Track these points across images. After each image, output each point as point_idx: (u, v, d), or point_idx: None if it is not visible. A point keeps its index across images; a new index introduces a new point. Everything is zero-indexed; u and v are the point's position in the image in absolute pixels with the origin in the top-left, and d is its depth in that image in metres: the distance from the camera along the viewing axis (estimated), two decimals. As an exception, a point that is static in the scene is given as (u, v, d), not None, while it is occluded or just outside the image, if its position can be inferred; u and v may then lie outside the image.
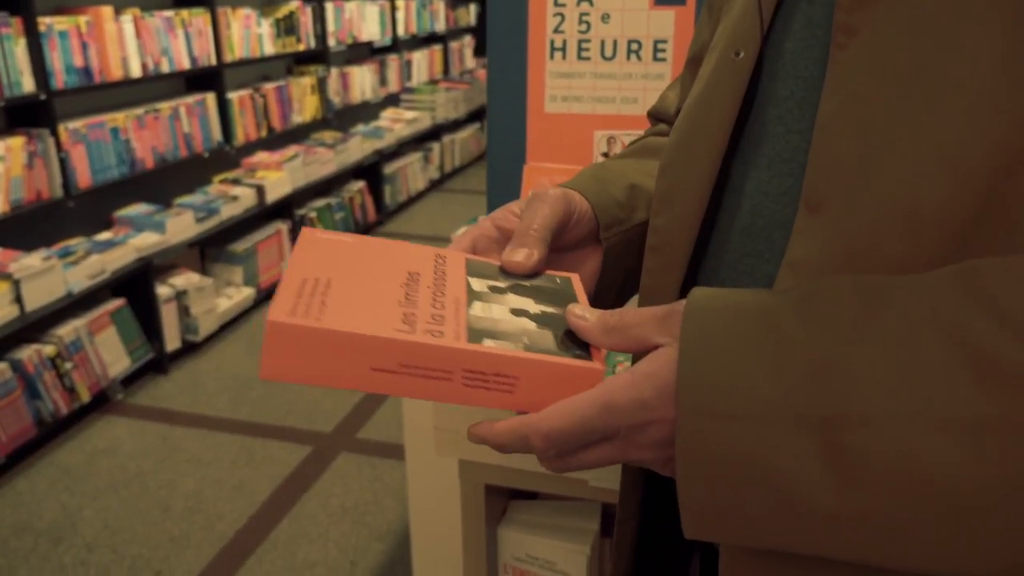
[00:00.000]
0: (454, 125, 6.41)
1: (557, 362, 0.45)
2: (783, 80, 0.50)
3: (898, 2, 0.42)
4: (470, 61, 7.15)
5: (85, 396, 2.78)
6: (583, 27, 1.23)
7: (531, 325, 0.48)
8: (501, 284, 0.53)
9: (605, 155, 1.17)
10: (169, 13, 3.38)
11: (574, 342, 0.48)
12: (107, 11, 3.04)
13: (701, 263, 0.56)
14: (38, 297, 2.62)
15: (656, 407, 0.42)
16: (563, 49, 1.24)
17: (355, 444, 2.70)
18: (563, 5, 1.23)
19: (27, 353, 2.59)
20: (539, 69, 1.25)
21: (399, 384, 0.45)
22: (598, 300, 0.60)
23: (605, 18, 1.22)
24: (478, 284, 0.52)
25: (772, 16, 0.52)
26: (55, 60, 2.83)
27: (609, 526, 1.29)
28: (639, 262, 0.62)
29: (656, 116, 0.77)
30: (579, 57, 1.24)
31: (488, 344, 0.45)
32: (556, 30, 1.24)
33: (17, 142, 2.71)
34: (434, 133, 6.03)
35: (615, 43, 1.22)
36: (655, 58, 1.21)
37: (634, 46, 1.22)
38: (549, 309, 0.50)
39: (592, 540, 1.16)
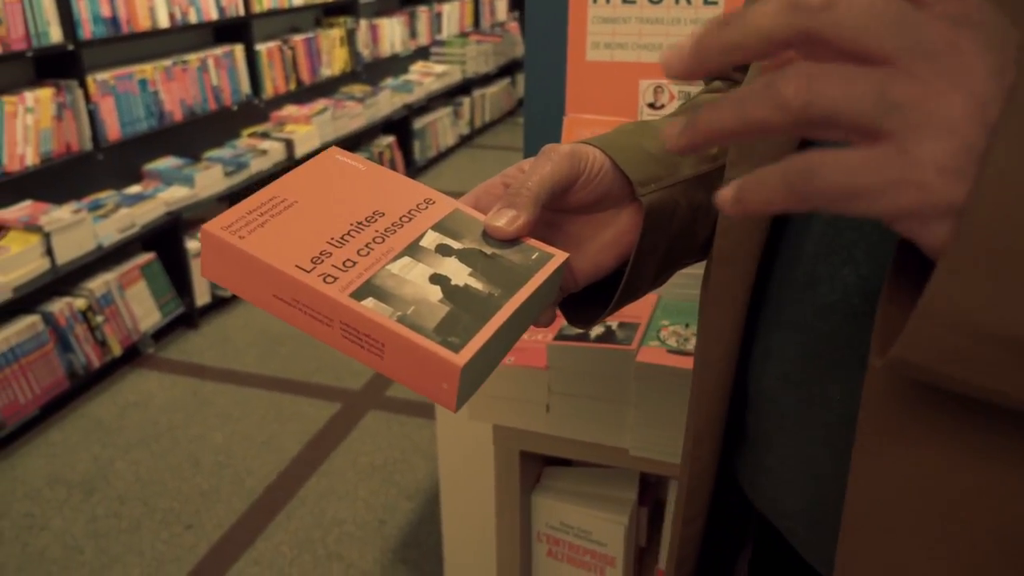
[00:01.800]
0: (484, 79, 6.29)
1: (415, 341, 0.41)
2: None
3: None
4: (502, 13, 6.99)
5: (116, 349, 2.78)
6: (629, -32, 1.15)
7: (434, 296, 0.44)
8: (454, 245, 0.48)
9: (651, 105, 1.10)
10: (196, -39, 3.31)
11: (460, 330, 0.42)
12: (134, -41, 2.98)
13: (787, 223, 0.50)
14: (69, 250, 2.61)
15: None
16: (607, -8, 1.17)
17: (384, 402, 2.68)
18: (608, -55, 1.15)
19: (58, 306, 2.59)
20: (581, 14, 1.18)
21: (294, 317, 0.44)
22: (636, 267, 0.54)
23: (652, -41, 1.14)
24: (429, 240, 0.48)
25: None
26: (82, 9, 2.78)
27: (647, 492, 1.25)
28: (686, 229, 0.56)
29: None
30: (624, 1, 1.16)
31: (367, 304, 0.42)
32: (600, -28, 1.16)
33: (46, 93, 2.68)
34: (464, 87, 5.93)
35: (663, -14, 1.14)
36: (706, 2, 1.13)
37: (683, -11, 1.14)
38: (476, 285, 0.45)
39: (630, 510, 1.12)
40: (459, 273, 0.46)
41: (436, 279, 0.45)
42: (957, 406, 0.37)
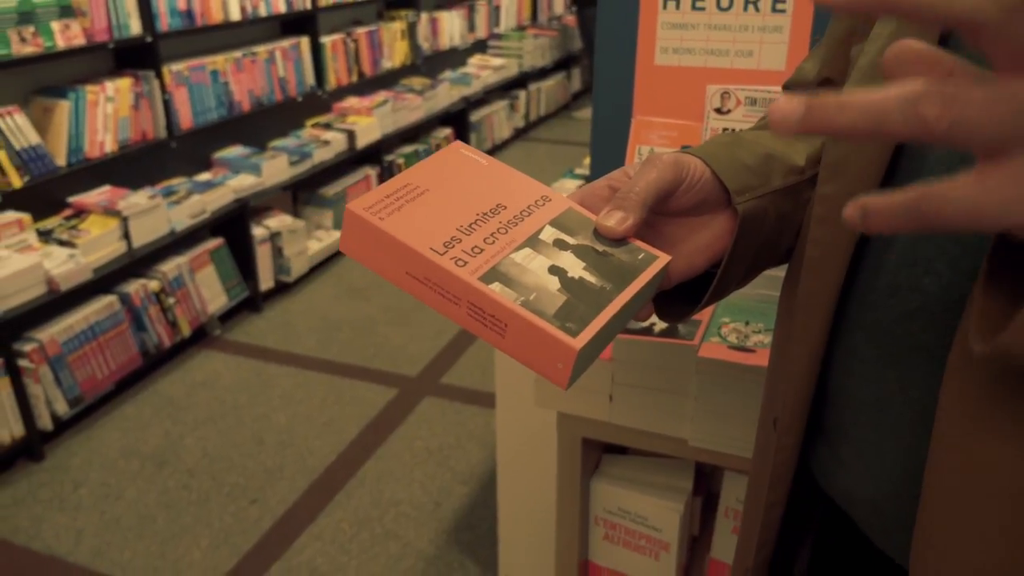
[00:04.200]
0: (541, 73, 6.33)
1: (537, 324, 0.46)
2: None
3: None
4: (559, 7, 7.01)
5: (186, 330, 2.91)
6: (699, -24, 1.19)
7: (553, 286, 0.49)
8: (569, 240, 0.53)
9: (718, 110, 1.14)
10: (267, -44, 3.41)
11: (577, 317, 0.47)
12: (209, -46, 3.09)
13: (869, 244, 0.54)
14: (144, 234, 2.73)
15: None
16: (676, 0, 1.20)
17: (439, 389, 2.76)
18: (679, -47, 1.19)
19: (134, 287, 2.72)
20: (651, 19, 1.22)
21: (424, 294, 0.49)
22: (729, 269, 0.59)
23: (723, -33, 1.17)
24: (548, 234, 0.53)
25: None
26: (160, 3, 2.90)
27: (701, 482, 1.29)
28: (772, 237, 0.60)
29: (793, 87, 0.74)
30: (693, 7, 1.20)
31: (494, 288, 0.47)
32: (670, -21, 1.20)
33: (125, 83, 2.81)
34: (520, 81, 5.97)
35: (732, -7, 1.18)
36: (774, 9, 1.17)
37: (752, -3, 1.17)
38: (589, 278, 0.50)
39: (686, 498, 1.16)
40: (574, 266, 0.51)
41: (554, 270, 0.50)
42: None
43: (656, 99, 1.23)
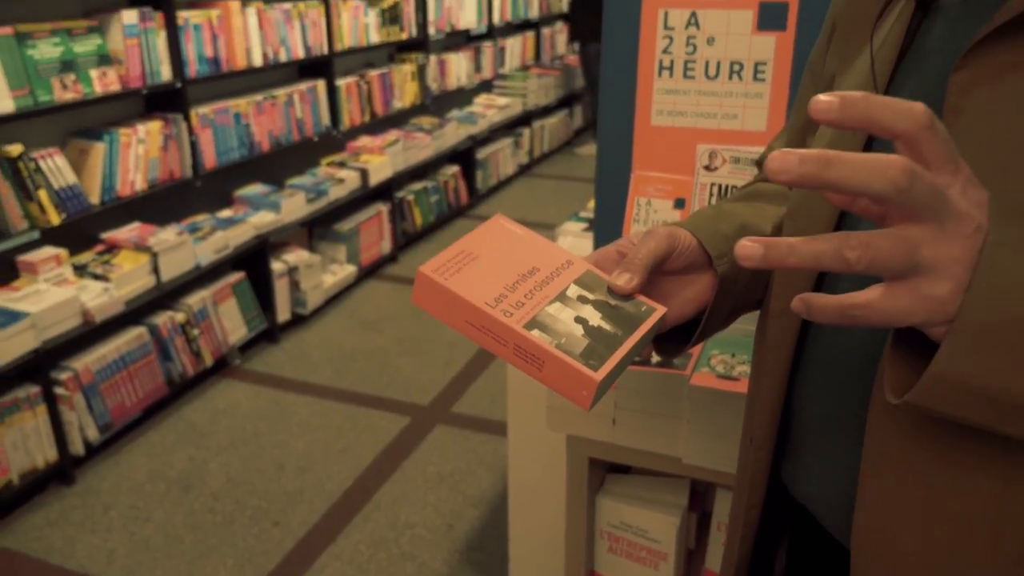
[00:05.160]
0: (544, 111, 6.53)
1: (568, 362, 0.61)
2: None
3: (998, 88, 0.54)
4: (561, 47, 7.24)
5: (208, 360, 3.05)
6: (690, 49, 1.35)
7: (578, 332, 0.64)
8: (590, 296, 0.68)
9: (707, 167, 1.29)
10: (287, 5, 3.61)
11: (597, 356, 0.62)
12: (235, 5, 3.28)
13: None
14: (172, 268, 2.89)
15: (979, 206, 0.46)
16: (670, 68, 1.37)
17: (450, 417, 2.89)
18: (672, 28, 1.35)
19: (162, 319, 2.87)
20: (647, 86, 1.38)
21: (481, 339, 0.64)
22: (711, 317, 0.74)
23: (710, 41, 1.34)
24: (573, 291, 0.68)
25: (887, 88, 0.64)
26: (189, 51, 3.08)
27: (696, 501, 1.42)
28: (746, 291, 0.75)
29: (762, 165, 0.89)
30: (685, 76, 1.36)
31: (534, 333, 0.62)
32: (665, 51, 1.36)
33: (155, 126, 2.98)
34: (524, 119, 6.17)
35: (719, 64, 1.34)
36: (755, 78, 1.33)
37: (736, 67, 1.33)
38: (605, 326, 0.66)
39: (682, 512, 1.30)
40: (594, 316, 0.66)
41: (579, 320, 0.65)
42: (937, 437, 0.56)
43: (653, 156, 1.38)
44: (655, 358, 1.21)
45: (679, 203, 1.34)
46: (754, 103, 1.33)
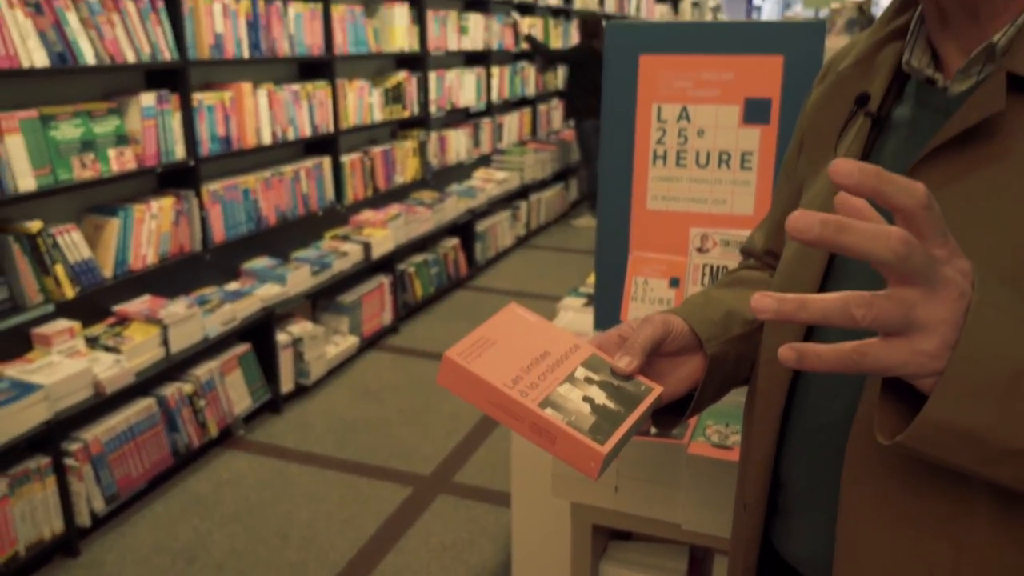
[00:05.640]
0: (541, 184, 6.71)
1: (578, 437, 0.69)
2: None
3: (942, 195, 0.62)
4: (557, 123, 7.47)
5: (214, 431, 3.10)
6: (681, 140, 1.46)
7: (586, 410, 0.72)
8: (595, 377, 0.77)
9: (699, 249, 1.39)
10: (296, 86, 3.77)
11: (604, 432, 0.70)
12: (247, 87, 3.44)
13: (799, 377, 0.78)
14: (181, 340, 2.96)
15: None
16: (664, 157, 1.48)
17: (451, 487, 2.93)
18: (665, 121, 1.47)
19: (170, 390, 2.93)
20: (643, 173, 1.49)
21: (500, 416, 0.72)
22: (702, 394, 0.82)
23: (701, 133, 1.45)
24: (581, 372, 0.77)
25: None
26: (202, 130, 3.22)
27: (695, 566, 1.48)
28: (733, 369, 0.84)
29: (746, 252, 1.00)
30: (677, 164, 1.47)
31: (548, 412, 0.71)
32: (659, 142, 1.47)
33: (168, 202, 3.09)
34: (522, 192, 6.34)
35: (708, 154, 1.45)
36: (742, 167, 1.44)
37: (724, 156, 1.44)
38: (609, 404, 0.74)
39: (681, 577, 1.35)
40: (599, 396, 0.74)
41: (586, 399, 0.73)
42: (901, 502, 0.63)
43: (649, 238, 1.48)
44: (654, 430, 1.28)
45: (674, 282, 1.43)
46: (742, 190, 1.44)
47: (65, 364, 2.59)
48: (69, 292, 2.68)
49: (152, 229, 3.03)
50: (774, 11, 23.95)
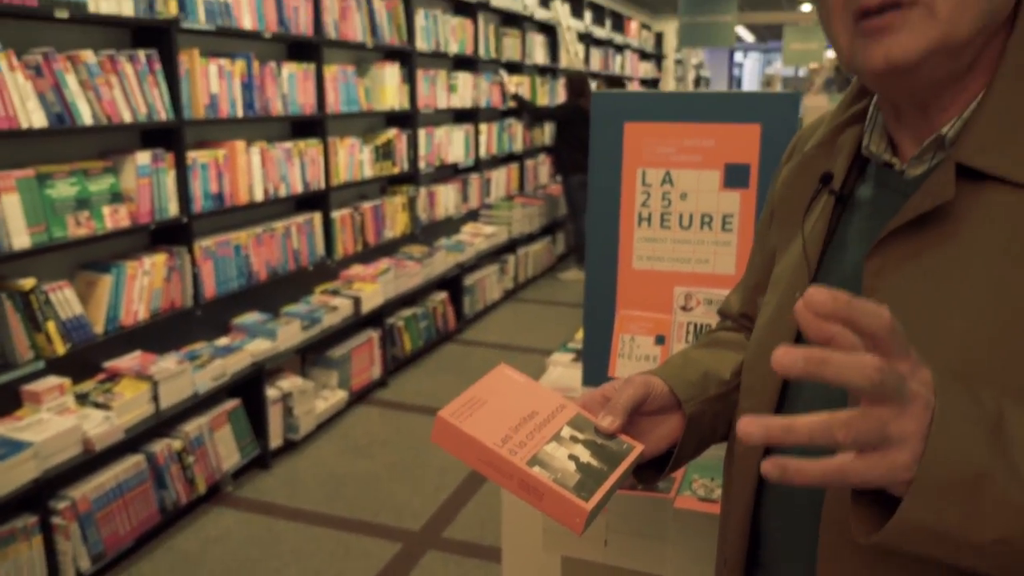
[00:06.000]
0: (528, 238, 6.80)
1: (563, 494, 0.73)
2: None
3: (903, 273, 0.68)
4: (544, 178, 7.60)
5: (202, 487, 3.09)
6: (665, 203, 1.52)
7: (571, 468, 0.76)
8: (580, 436, 0.81)
9: (683, 308, 1.44)
10: (289, 144, 3.85)
11: (588, 489, 0.74)
12: (240, 145, 3.51)
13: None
14: (171, 396, 2.97)
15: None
16: (649, 219, 1.53)
17: (441, 543, 2.92)
18: (649, 185, 1.53)
19: (159, 447, 2.93)
20: (629, 235, 1.54)
21: (490, 473, 0.76)
22: (681, 451, 0.86)
23: (683, 196, 1.51)
24: (567, 431, 0.81)
25: (817, 267, 0.79)
26: (196, 188, 3.27)
27: (684, 622, 1.49)
28: (711, 427, 0.88)
29: (723, 314, 1.05)
30: (662, 226, 1.53)
31: (535, 470, 0.74)
32: (643, 204, 1.53)
33: (160, 259, 3.13)
34: (510, 246, 6.42)
35: (691, 216, 1.51)
36: (723, 229, 1.50)
37: (707, 219, 1.50)
38: (593, 462, 0.78)
39: (670, 632, 1.36)
40: (584, 454, 0.78)
41: (571, 457, 0.77)
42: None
43: (635, 296, 1.53)
44: (638, 485, 1.31)
45: (660, 339, 1.48)
46: (723, 250, 1.50)
47: (55, 421, 2.59)
48: (60, 349, 2.70)
49: (144, 285, 3.06)
50: (755, 68, 24.55)
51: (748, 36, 19.20)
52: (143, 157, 3.01)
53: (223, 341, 3.49)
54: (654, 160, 1.52)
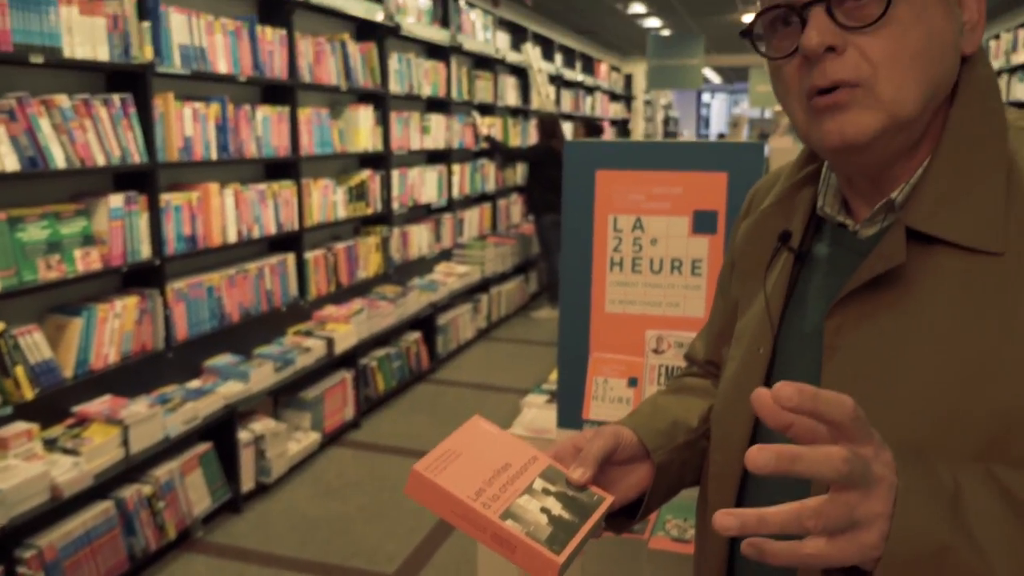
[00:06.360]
0: (501, 277, 6.83)
1: (536, 548, 0.75)
2: (791, 372, 0.80)
3: (861, 332, 0.72)
4: (517, 217, 7.67)
5: (172, 533, 3.04)
6: (636, 248, 1.56)
7: (543, 521, 0.78)
8: (552, 488, 0.83)
9: (655, 351, 1.47)
10: (263, 186, 3.87)
11: (559, 542, 0.76)
12: (214, 187, 3.52)
13: (747, 482, 0.84)
14: (142, 440, 2.93)
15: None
16: (620, 264, 1.57)
17: (415, 586, 2.90)
18: (621, 231, 1.57)
19: (129, 492, 2.88)
20: (601, 279, 1.58)
21: (464, 526, 0.77)
22: (651, 499, 0.88)
23: (654, 241, 1.55)
24: (539, 484, 0.83)
25: (779, 323, 0.83)
26: (169, 230, 3.27)
27: (660, 664, 1.50)
28: (679, 474, 0.91)
29: (690, 359, 1.08)
30: (633, 271, 1.56)
31: (508, 523, 0.76)
32: (615, 249, 1.57)
33: (132, 301, 3.11)
34: (483, 285, 6.45)
35: (661, 261, 1.55)
36: (692, 273, 1.54)
37: (676, 263, 1.55)
38: (564, 515, 0.80)
39: (646, 674, 1.37)
40: (556, 506, 0.80)
41: (543, 510, 0.79)
42: None
43: (608, 340, 1.56)
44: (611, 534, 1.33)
45: (632, 382, 1.51)
46: (693, 294, 1.54)
47: (22, 468, 2.55)
48: (28, 394, 2.66)
49: (115, 328, 3.04)
50: (722, 108, 25.08)
51: (715, 77, 19.63)
52: (116, 200, 3.01)
53: (195, 384, 3.46)
54: (625, 207, 1.56)
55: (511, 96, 7.52)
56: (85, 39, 2.81)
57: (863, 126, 0.70)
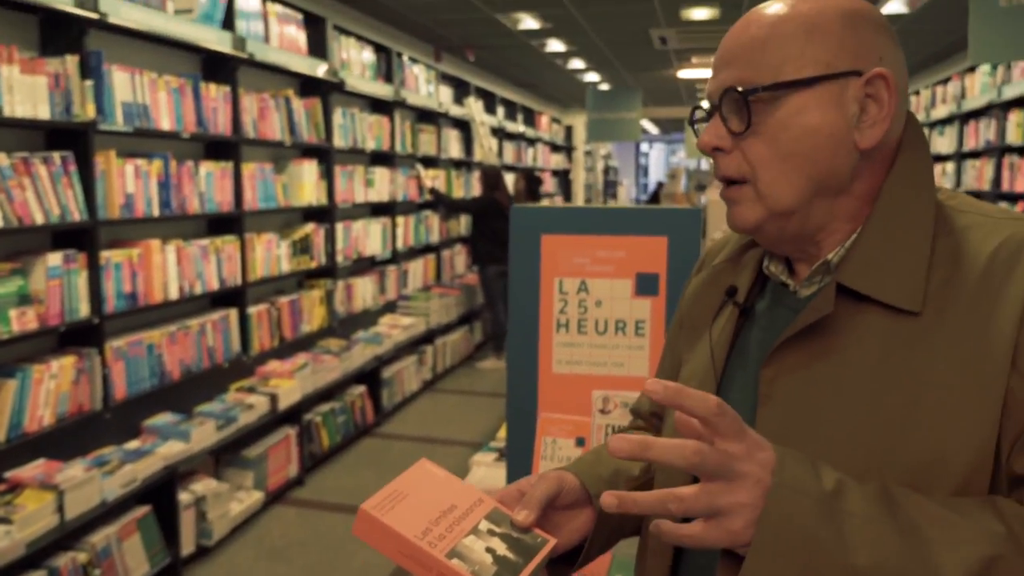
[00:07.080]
0: (446, 328, 6.84)
1: None
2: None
3: (794, 380, 0.77)
4: (461, 267, 7.72)
5: (107, 602, 2.93)
6: (581, 310, 1.62)
7: (488, 560, 0.81)
8: (497, 529, 0.86)
9: (602, 411, 1.51)
10: (205, 241, 3.84)
11: None
12: (156, 243, 3.48)
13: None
14: (77, 506, 2.84)
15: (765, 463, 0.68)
16: (566, 325, 1.62)
17: (362, 649, 2.84)
18: (566, 293, 1.62)
19: (63, 560, 2.78)
20: (548, 340, 1.63)
21: (410, 565, 0.80)
22: (592, 544, 0.92)
23: (598, 303, 1.61)
24: (484, 525, 0.86)
25: (722, 372, 0.88)
26: (109, 288, 3.21)
27: None
28: (620, 523, 0.95)
29: (635, 413, 1.13)
30: (579, 332, 1.61)
31: (454, 562, 0.79)
32: (561, 311, 1.62)
33: (69, 361, 3.04)
34: (428, 336, 6.44)
35: (606, 322, 1.61)
36: (636, 333, 1.59)
37: (620, 324, 1.60)
38: (509, 555, 0.83)
39: None
40: (500, 547, 0.83)
41: (488, 550, 0.82)
42: None
43: (556, 399, 1.60)
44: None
45: (580, 442, 1.54)
46: (637, 354, 1.59)
47: (-51, 538, 2.44)
48: (-42, 459, 2.57)
49: (51, 389, 2.96)
50: (660, 158, 25.72)
51: (653, 128, 20.18)
52: (54, 258, 2.96)
53: (133, 444, 3.37)
54: (570, 270, 1.62)
55: (454, 149, 7.62)
56: (26, 97, 2.79)
57: (745, 218, 0.83)
